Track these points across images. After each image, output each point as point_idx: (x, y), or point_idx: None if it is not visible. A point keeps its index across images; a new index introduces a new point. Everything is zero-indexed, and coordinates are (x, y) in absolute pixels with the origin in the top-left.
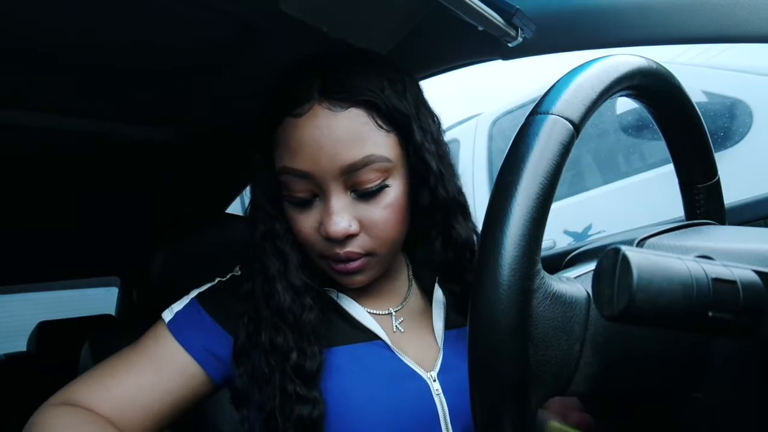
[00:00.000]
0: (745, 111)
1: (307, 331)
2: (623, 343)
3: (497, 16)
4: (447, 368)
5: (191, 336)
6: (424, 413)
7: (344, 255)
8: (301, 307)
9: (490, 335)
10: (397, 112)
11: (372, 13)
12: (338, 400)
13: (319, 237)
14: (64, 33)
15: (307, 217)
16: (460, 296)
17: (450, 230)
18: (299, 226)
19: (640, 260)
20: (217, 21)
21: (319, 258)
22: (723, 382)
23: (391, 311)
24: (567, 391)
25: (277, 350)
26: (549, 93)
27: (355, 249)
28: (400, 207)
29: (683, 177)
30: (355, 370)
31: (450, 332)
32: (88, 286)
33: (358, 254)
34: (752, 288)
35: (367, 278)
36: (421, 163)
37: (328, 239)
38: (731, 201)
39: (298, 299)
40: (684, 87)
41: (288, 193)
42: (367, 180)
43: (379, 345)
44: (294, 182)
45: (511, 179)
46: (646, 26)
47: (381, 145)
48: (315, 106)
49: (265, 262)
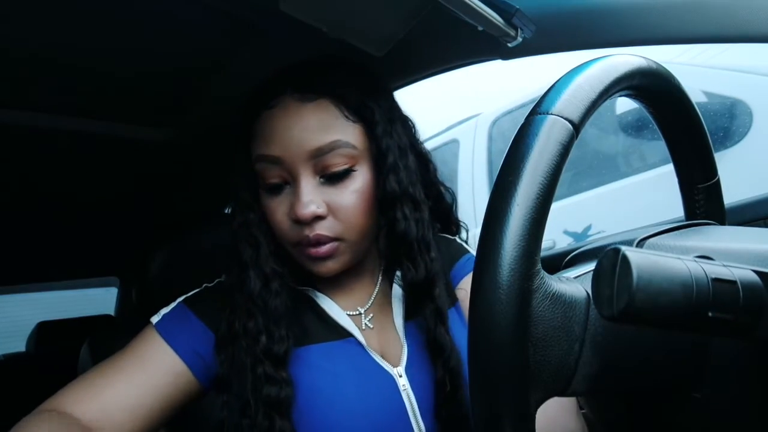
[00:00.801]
0: (745, 111)
1: (275, 316)
2: (623, 343)
3: (497, 16)
4: (412, 363)
5: (178, 336)
6: (393, 408)
7: (314, 238)
8: (269, 293)
9: (489, 335)
10: (363, 106)
11: (371, 13)
12: (310, 397)
13: (290, 223)
14: (64, 33)
15: (279, 203)
16: (415, 285)
17: (395, 222)
18: (273, 214)
19: (640, 260)
20: (216, 21)
21: (292, 246)
22: (723, 383)
23: (360, 310)
24: (566, 392)
25: (249, 334)
26: (548, 93)
27: (324, 232)
28: (366, 194)
29: (683, 177)
30: (327, 367)
31: (409, 323)
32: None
33: (327, 237)
34: (752, 288)
35: (338, 265)
36: (380, 154)
37: (298, 222)
38: (731, 201)
39: (267, 286)
40: (684, 87)
41: (262, 181)
42: (334, 164)
43: (351, 342)
44: (267, 169)
45: (511, 179)
46: (645, 26)
47: (347, 134)
48: (287, 98)
49: (239, 249)
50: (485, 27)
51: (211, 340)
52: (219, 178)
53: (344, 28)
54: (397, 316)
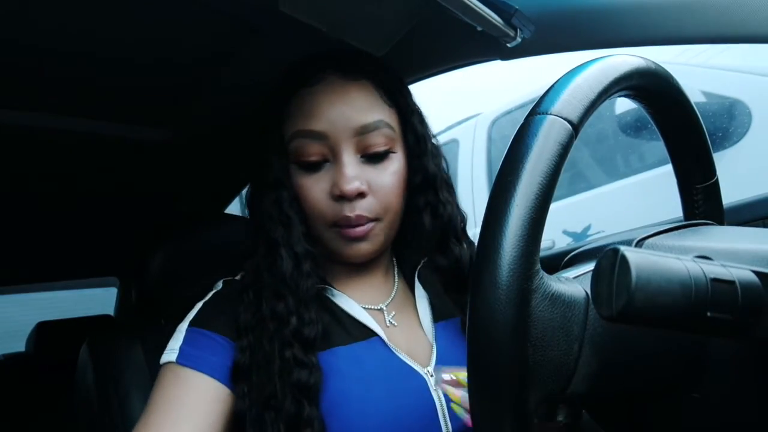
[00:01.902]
0: (744, 111)
1: (306, 298)
2: (622, 343)
3: (496, 16)
4: (442, 362)
5: (205, 360)
6: (423, 409)
7: (355, 218)
8: (301, 274)
9: (488, 335)
10: (399, 93)
11: (371, 13)
12: (340, 404)
13: (329, 201)
14: (63, 34)
15: (317, 181)
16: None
17: (438, 204)
18: (308, 192)
19: (639, 260)
20: (216, 21)
21: (327, 227)
22: (721, 382)
23: (382, 306)
24: (566, 392)
25: (278, 317)
26: (548, 93)
27: (364, 212)
28: (402, 176)
29: (682, 177)
30: (355, 373)
31: (439, 324)
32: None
33: (366, 218)
34: (751, 288)
35: (371, 247)
36: (416, 139)
37: (340, 198)
38: (730, 201)
39: (299, 266)
40: (683, 87)
41: (299, 158)
42: (376, 143)
43: (376, 342)
44: (307, 145)
45: (510, 179)
46: (645, 26)
47: (387, 115)
48: (329, 76)
49: (268, 228)
50: (484, 27)
51: (234, 349)
52: (218, 178)
53: (344, 28)
54: (424, 317)
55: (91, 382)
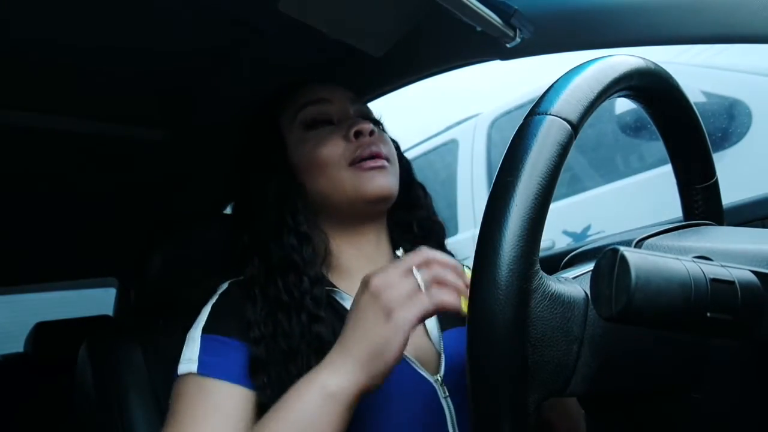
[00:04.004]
0: (744, 111)
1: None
2: (621, 343)
3: (495, 16)
4: (451, 371)
5: (226, 366)
6: (434, 417)
7: (375, 149)
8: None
9: (488, 335)
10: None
11: (370, 14)
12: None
13: (345, 144)
14: (63, 34)
15: (329, 133)
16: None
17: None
18: (322, 145)
19: (639, 261)
20: (216, 21)
21: (346, 168)
22: (721, 383)
23: None
24: (565, 392)
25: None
26: (547, 93)
27: (380, 149)
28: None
29: (681, 177)
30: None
31: (446, 333)
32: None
33: (384, 154)
34: (750, 288)
35: (389, 182)
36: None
37: (358, 137)
38: (730, 201)
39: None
40: (682, 87)
41: (310, 121)
42: (367, 113)
43: None
44: (315, 109)
45: (510, 180)
46: (644, 26)
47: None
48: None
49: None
50: (484, 27)
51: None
52: (217, 179)
53: (343, 28)
54: (431, 325)
55: (90, 383)
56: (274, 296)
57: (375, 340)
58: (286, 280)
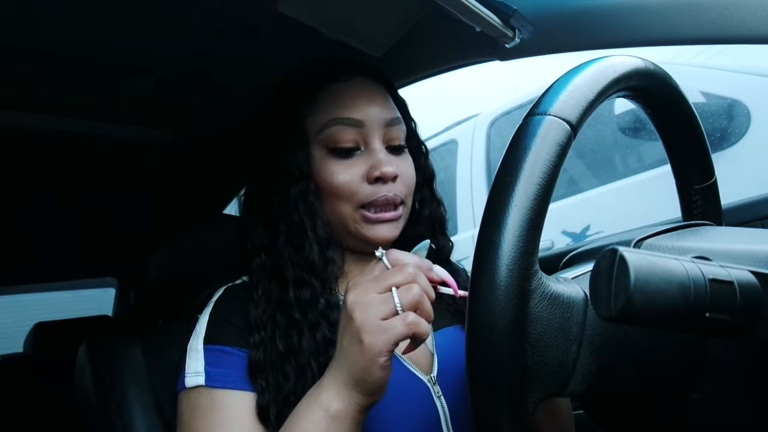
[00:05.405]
0: (743, 112)
1: (329, 282)
2: (621, 343)
3: (494, 17)
4: (444, 370)
5: (233, 376)
6: (427, 416)
7: (392, 195)
8: (326, 259)
9: (487, 336)
10: (401, 102)
11: (370, 14)
12: None
13: (363, 184)
14: (63, 34)
15: (350, 165)
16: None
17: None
18: (340, 177)
19: (638, 261)
20: (215, 22)
21: (354, 209)
22: (720, 383)
23: None
24: (564, 392)
25: (302, 302)
26: (546, 94)
27: (398, 193)
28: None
29: (680, 178)
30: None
31: (437, 333)
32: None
33: (400, 200)
34: (749, 289)
35: (394, 232)
36: (417, 142)
37: (377, 181)
38: (728, 202)
39: (323, 252)
40: (681, 88)
41: (334, 144)
42: (397, 137)
43: None
44: (344, 131)
45: (509, 180)
46: (643, 27)
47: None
48: (358, 76)
49: (293, 217)
50: (483, 28)
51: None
52: (217, 179)
53: (343, 29)
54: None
55: (89, 383)
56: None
57: (355, 368)
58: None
